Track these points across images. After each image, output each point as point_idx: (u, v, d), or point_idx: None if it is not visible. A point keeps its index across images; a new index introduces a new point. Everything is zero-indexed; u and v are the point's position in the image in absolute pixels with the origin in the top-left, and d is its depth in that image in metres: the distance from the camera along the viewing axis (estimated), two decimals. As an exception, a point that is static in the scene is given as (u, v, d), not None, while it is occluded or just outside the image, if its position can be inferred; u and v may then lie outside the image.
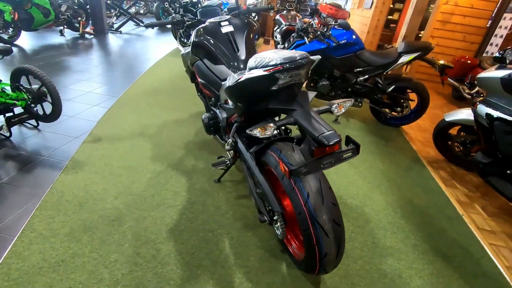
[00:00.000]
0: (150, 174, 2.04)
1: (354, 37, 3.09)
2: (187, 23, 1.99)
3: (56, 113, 2.22)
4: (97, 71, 4.20)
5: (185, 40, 2.03)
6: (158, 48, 6.08)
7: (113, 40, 6.48)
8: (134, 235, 1.55)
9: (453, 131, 2.71)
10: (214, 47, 1.62)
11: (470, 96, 4.31)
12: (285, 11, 6.03)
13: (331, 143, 0.85)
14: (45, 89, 2.15)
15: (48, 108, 2.31)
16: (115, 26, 7.26)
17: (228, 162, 1.74)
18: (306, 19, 7.29)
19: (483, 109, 2.09)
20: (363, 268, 1.53)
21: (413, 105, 3.29)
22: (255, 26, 1.70)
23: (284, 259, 1.52)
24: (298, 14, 5.92)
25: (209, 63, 1.71)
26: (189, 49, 1.89)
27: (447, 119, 2.60)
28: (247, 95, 1.17)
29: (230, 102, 1.44)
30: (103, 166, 2.07)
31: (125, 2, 8.68)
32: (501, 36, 5.46)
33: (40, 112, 2.31)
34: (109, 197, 1.78)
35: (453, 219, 2.04)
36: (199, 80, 1.84)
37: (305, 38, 3.17)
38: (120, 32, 7.20)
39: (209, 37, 1.65)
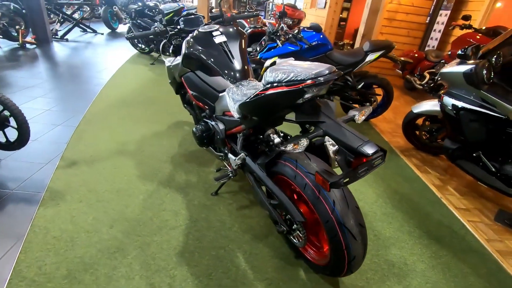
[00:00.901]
0: (142, 195, 1.91)
1: (323, 38, 3.21)
2: (170, 33, 1.89)
3: (23, 140, 1.96)
4: (49, 85, 3.79)
5: (170, 51, 1.92)
6: (113, 56, 5.68)
7: (59, 49, 5.89)
8: (142, 265, 1.44)
9: (419, 121, 2.97)
10: (208, 58, 1.56)
11: (421, 87, 4.76)
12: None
13: (371, 154, 0.88)
14: (7, 113, 1.88)
15: (11, 134, 2.03)
16: (60, 33, 6.61)
17: (230, 174, 1.70)
18: (265, 20, 7.37)
19: (449, 101, 2.33)
20: (373, 262, 1.61)
21: (379, 99, 3.53)
22: (245, 34, 1.68)
23: (300, 265, 1.54)
24: (260, 17, 5.97)
25: (203, 74, 1.65)
26: (177, 60, 1.79)
27: (415, 111, 2.84)
28: (267, 109, 1.16)
29: (235, 115, 1.41)
30: (87, 193, 1.88)
31: (65, 6, 7.94)
32: (439, 31, 6.10)
33: (2, 140, 2.01)
34: (103, 227, 1.63)
35: (434, 203, 2.25)
36: (191, 92, 1.77)
37: (277, 41, 3.22)
38: (66, 40, 6.58)
39: (202, 48, 1.59)
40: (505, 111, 2.05)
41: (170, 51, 2.04)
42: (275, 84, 0.99)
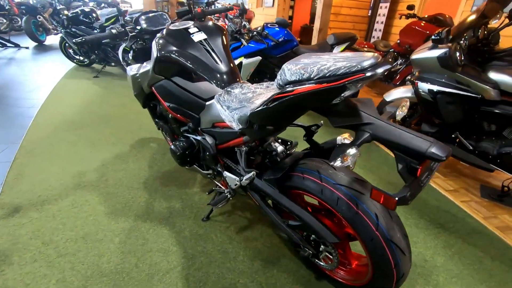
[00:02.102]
0: (118, 237, 1.54)
1: (288, 33, 3.09)
2: (130, 34, 1.55)
3: None
4: (-35, 113, 3.07)
5: (130, 57, 1.58)
6: (45, 72, 4.90)
7: (-27, 69, 4.91)
8: (138, 332, 1.11)
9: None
10: (188, 61, 1.28)
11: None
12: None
13: (444, 157, 0.72)
14: None
15: None
16: (-30, 50, 5.53)
17: (228, 195, 1.44)
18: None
19: (424, 86, 2.35)
20: (396, 265, 1.49)
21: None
22: (226, 30, 1.43)
23: (324, 285, 1.35)
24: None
25: (182, 81, 1.36)
26: (145, 67, 1.46)
27: (387, 99, 2.86)
28: (290, 114, 0.93)
29: (234, 125, 1.16)
30: (42, 247, 1.45)
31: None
32: (382, 22, 6.47)
33: None
34: (74, 291, 1.25)
35: (426, 188, 2.24)
36: (166, 103, 1.46)
37: (242, 40, 3.00)
38: (-19, 58, 5.53)
39: (178, 49, 1.30)
40: (478, 90, 2.11)
41: (130, 57, 1.69)
42: (306, 83, 0.78)
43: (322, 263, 1.24)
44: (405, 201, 0.75)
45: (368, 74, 0.69)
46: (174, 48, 1.31)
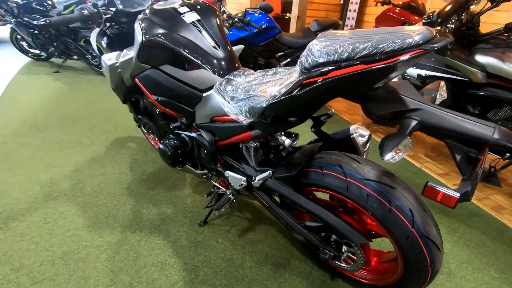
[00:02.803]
0: (105, 254, 1.34)
1: (271, 20, 2.94)
2: (105, 16, 1.32)
3: None
4: None
5: (104, 43, 1.34)
6: (-4, 68, 4.34)
7: None
8: None
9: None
10: (181, 45, 1.10)
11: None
12: None
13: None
14: None
15: None
16: None
17: (232, 197, 1.29)
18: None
19: (412, 72, 2.33)
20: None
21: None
22: (218, 10, 1.26)
23: (340, 285, 1.26)
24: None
25: (173, 69, 1.17)
26: (127, 55, 1.24)
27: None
28: (319, 102, 0.79)
29: (242, 118, 1.01)
30: (11, 274, 1.22)
31: None
32: (355, 11, 6.51)
33: None
34: (58, 324, 1.05)
35: (418, 173, 2.24)
36: (154, 97, 1.26)
37: (222, 27, 2.80)
38: None
39: (168, 32, 1.10)
40: (467, 73, 2.12)
41: (104, 44, 1.45)
42: (344, 64, 0.65)
43: (343, 265, 1.14)
44: (467, 197, 0.66)
45: (427, 47, 0.57)
46: (163, 31, 1.11)
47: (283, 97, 0.78)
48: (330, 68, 0.69)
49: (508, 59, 2.02)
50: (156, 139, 2.05)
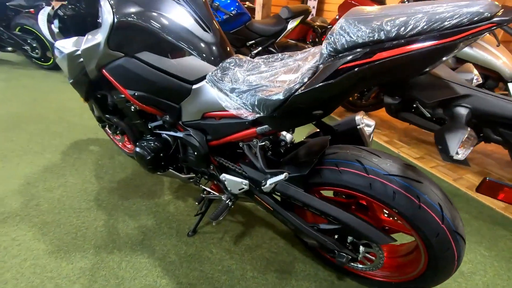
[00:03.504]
0: (78, 284, 1.11)
1: (240, 5, 2.75)
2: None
3: None
4: None
5: (54, 26, 1.05)
6: None
7: None
8: None
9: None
10: (164, 27, 0.89)
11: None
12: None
13: None
14: None
15: None
16: None
17: (229, 202, 1.14)
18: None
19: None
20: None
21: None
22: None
23: (348, 284, 1.20)
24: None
25: (154, 57, 0.95)
26: (92, 41, 0.98)
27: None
28: (352, 90, 0.66)
29: (247, 114, 0.86)
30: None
31: None
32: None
33: None
34: None
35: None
36: (129, 91, 1.04)
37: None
38: None
39: (147, 11, 0.89)
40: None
41: (55, 28, 1.17)
42: (390, 44, 0.53)
43: (360, 266, 1.07)
44: None
45: (499, 21, 0.48)
46: (140, 9, 0.90)
47: (315, 86, 0.65)
48: (375, 49, 0.57)
49: (475, 44, 2.11)
50: (126, 141, 1.80)
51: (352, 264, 1.09)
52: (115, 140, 1.88)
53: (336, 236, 1.03)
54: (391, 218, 1.01)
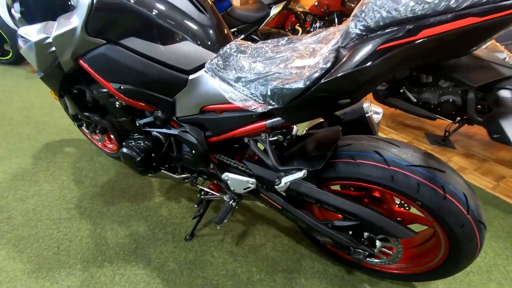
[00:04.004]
0: (67, 306, 0.98)
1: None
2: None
3: None
4: None
5: (15, 10, 0.87)
6: None
7: None
8: None
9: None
10: (153, 8, 0.76)
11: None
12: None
13: None
14: None
15: None
16: None
17: (233, 203, 1.05)
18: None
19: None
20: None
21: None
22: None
23: (359, 277, 1.16)
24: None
25: (143, 44, 0.82)
26: (64, 26, 0.82)
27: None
28: (388, 73, 0.57)
29: (256, 106, 0.76)
30: None
31: None
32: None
33: None
34: None
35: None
36: (114, 85, 0.90)
37: None
38: None
39: None
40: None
41: (16, 13, 0.99)
42: (442, 17, 0.46)
43: (376, 261, 1.02)
44: None
45: None
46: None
47: (347, 71, 0.56)
48: (419, 25, 0.50)
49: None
50: (107, 140, 1.64)
51: (368, 260, 1.04)
52: (93, 140, 1.71)
53: (350, 232, 0.97)
54: (403, 209, 0.97)
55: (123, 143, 1.13)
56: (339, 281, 1.15)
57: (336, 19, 4.58)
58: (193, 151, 0.99)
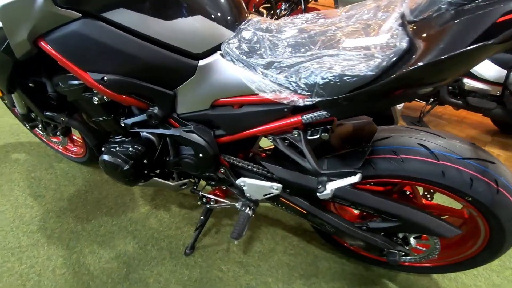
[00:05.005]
0: None
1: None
2: None
3: None
4: None
5: None
6: None
7: None
8: None
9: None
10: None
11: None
12: None
13: None
14: None
15: None
16: None
17: (249, 211, 0.90)
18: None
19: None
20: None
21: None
22: None
23: (379, 273, 1.11)
24: None
25: (137, 18, 0.59)
26: None
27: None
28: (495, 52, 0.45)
29: (291, 98, 0.61)
30: None
31: None
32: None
33: None
34: None
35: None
36: (93, 75, 0.66)
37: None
38: None
39: None
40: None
41: None
42: None
43: (409, 258, 0.96)
44: None
45: None
46: None
47: (459, 52, 0.43)
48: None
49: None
50: (69, 143, 1.36)
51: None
52: (51, 143, 1.41)
53: (382, 233, 0.89)
54: (432, 202, 0.92)
55: (102, 149, 0.90)
56: (359, 280, 1.09)
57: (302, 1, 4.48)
58: (200, 154, 0.81)
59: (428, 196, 0.92)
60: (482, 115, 2.14)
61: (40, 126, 1.16)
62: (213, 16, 0.64)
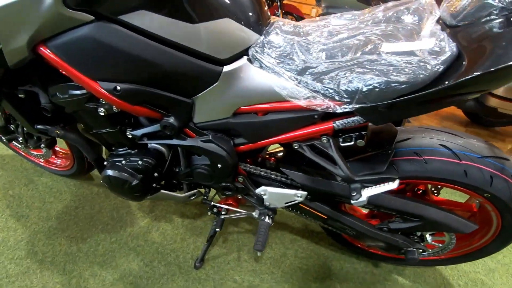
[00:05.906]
0: None
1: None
2: None
3: None
4: None
5: None
6: None
7: None
8: None
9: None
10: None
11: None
12: None
13: None
14: None
15: None
16: None
17: (268, 219, 0.86)
18: None
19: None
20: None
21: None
22: None
23: (390, 269, 1.14)
24: None
25: (160, 21, 0.52)
26: None
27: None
28: None
29: (326, 105, 0.58)
30: None
31: None
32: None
33: None
34: None
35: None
36: (103, 85, 0.58)
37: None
38: None
39: None
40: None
41: None
42: None
43: (426, 252, 0.98)
44: None
45: None
46: None
47: None
48: None
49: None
50: (53, 155, 1.24)
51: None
52: (30, 156, 1.27)
53: (399, 232, 0.91)
54: (441, 197, 0.95)
55: (105, 163, 0.82)
56: (371, 277, 1.10)
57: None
58: (219, 165, 0.76)
59: (435, 191, 0.95)
60: (456, 107, 2.28)
61: (21, 139, 1.03)
62: (241, 18, 0.60)
